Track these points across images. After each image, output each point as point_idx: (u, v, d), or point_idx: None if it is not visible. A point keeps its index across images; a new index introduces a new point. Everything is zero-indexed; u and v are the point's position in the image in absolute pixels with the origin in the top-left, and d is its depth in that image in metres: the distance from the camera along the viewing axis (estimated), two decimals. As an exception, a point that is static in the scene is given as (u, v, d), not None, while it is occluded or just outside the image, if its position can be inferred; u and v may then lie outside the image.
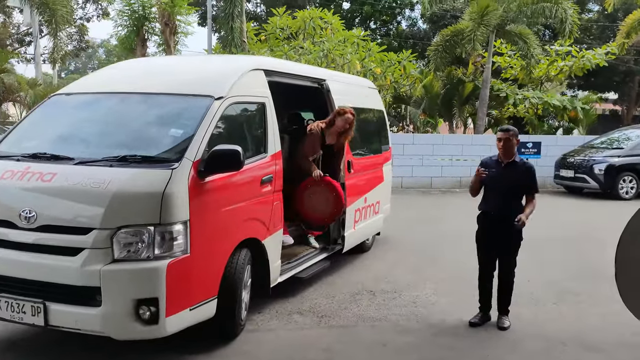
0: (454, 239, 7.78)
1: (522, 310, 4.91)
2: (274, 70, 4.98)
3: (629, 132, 14.27)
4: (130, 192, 3.52)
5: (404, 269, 6.28)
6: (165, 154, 3.82)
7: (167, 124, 4.17)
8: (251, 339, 4.25)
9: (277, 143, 4.76)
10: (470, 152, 14.15)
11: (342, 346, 4.18)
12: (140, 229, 3.49)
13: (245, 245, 4.29)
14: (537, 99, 17.10)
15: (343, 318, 4.74)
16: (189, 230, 3.63)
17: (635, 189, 12.61)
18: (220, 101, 4.08)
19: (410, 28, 31.99)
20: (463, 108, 18.51)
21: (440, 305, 5.09)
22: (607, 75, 26.98)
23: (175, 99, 4.24)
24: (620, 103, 32.66)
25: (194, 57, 5.99)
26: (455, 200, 12.22)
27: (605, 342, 4.27)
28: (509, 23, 16.65)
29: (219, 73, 4.53)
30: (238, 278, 4.13)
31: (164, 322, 3.51)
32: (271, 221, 4.64)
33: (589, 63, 17.15)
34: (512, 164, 4.53)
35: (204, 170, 3.75)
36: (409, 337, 4.37)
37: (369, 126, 7.23)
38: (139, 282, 3.49)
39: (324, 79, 5.86)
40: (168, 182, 3.53)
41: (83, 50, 31.23)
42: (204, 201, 3.78)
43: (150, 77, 4.65)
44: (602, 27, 28.84)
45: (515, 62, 18.05)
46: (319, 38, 15.15)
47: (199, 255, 3.72)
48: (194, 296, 3.74)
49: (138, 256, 3.50)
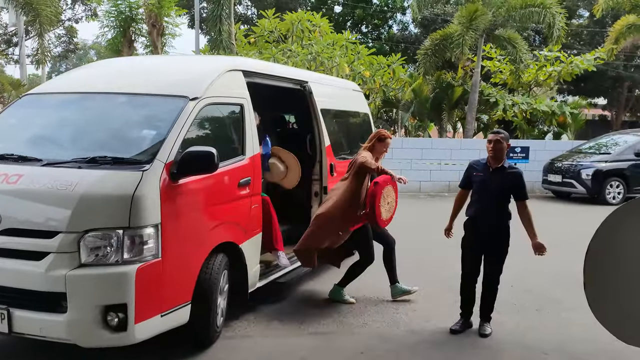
0: (439, 245, 7.64)
1: (504, 318, 4.84)
2: (253, 71, 4.88)
3: (617, 137, 14.31)
4: (98, 194, 3.41)
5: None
6: (136, 155, 3.70)
7: (139, 124, 4.06)
8: (227, 347, 4.14)
9: (256, 145, 4.66)
10: (459, 157, 14.11)
11: (319, 354, 4.07)
12: (109, 233, 3.38)
13: (222, 250, 4.18)
14: (526, 105, 17.13)
15: (323, 325, 4.64)
16: (161, 233, 3.52)
17: (622, 194, 12.63)
18: (196, 102, 3.98)
19: (401, 32, 32.06)
20: (452, 112, 18.53)
21: (422, 312, 5.00)
22: (596, 81, 27.17)
23: (149, 99, 4.12)
24: (609, 108, 32.87)
25: (171, 57, 5.87)
26: (443, 204, 12.10)
27: (586, 352, 4.20)
28: (498, 28, 16.68)
29: (196, 73, 4.42)
30: (213, 283, 4.02)
31: (133, 329, 3.39)
32: (249, 225, 4.53)
33: (577, 69, 17.20)
34: (501, 169, 4.45)
35: (176, 173, 3.64)
36: (389, 344, 4.27)
37: (353, 129, 7.16)
38: (106, 288, 3.38)
39: (306, 81, 5.76)
40: (138, 184, 3.42)
41: (72, 52, 30.94)
42: (177, 204, 3.67)
43: (124, 77, 4.53)
44: (592, 33, 29.03)
45: (504, 67, 18.08)
46: (308, 41, 15.08)
47: (171, 260, 3.61)
48: (166, 302, 3.62)
49: (106, 261, 3.39)
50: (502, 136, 4.46)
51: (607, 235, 1.80)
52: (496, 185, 4.43)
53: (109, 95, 4.26)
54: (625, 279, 1.84)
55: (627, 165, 12.69)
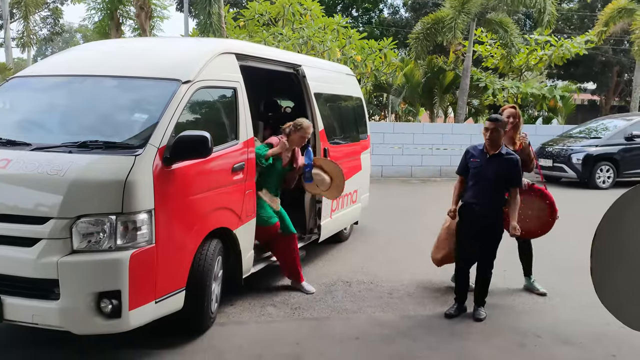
0: (433, 230, 7.68)
1: (498, 302, 4.87)
2: (246, 54, 4.79)
3: (607, 122, 14.37)
4: (90, 179, 3.34)
5: (381, 260, 6.19)
6: (128, 140, 3.63)
7: (130, 108, 3.98)
8: (221, 333, 4.12)
9: (250, 130, 4.60)
10: (451, 141, 14.13)
11: (314, 340, 4.06)
12: (102, 218, 3.32)
13: (216, 236, 4.15)
14: (515, 89, 17.12)
15: (317, 310, 4.63)
16: (154, 219, 3.47)
17: (612, 178, 12.72)
18: (188, 85, 3.90)
19: (392, 16, 31.84)
20: (444, 97, 18.48)
21: (417, 297, 5.01)
22: (586, 66, 27.25)
23: (140, 82, 4.03)
24: (598, 93, 33.04)
25: (162, 39, 5.74)
26: (435, 189, 12.18)
27: (580, 335, 4.22)
28: (490, 11, 16.60)
29: (187, 56, 4.33)
30: (207, 269, 3.99)
31: (127, 315, 3.35)
32: (243, 210, 4.49)
33: (569, 52, 17.20)
34: (498, 155, 4.43)
35: (170, 157, 3.58)
36: (384, 329, 4.27)
37: (346, 113, 7.10)
38: (99, 274, 3.33)
39: (299, 65, 5.68)
40: (131, 169, 3.36)
41: (58, 35, 30.39)
42: (170, 189, 3.62)
43: (114, 59, 4.43)
44: (582, 17, 29.02)
45: (495, 51, 18.03)
46: (299, 24, 14.91)
47: (165, 246, 3.57)
48: (160, 288, 3.58)
49: (99, 247, 3.33)
50: (500, 124, 4.42)
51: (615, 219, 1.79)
52: (492, 171, 4.42)
53: (99, 78, 4.16)
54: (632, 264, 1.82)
55: (617, 149, 12.77)
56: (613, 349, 3.97)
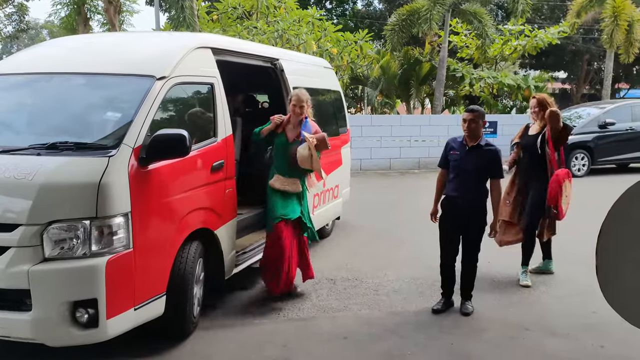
0: (415, 223, 7.66)
1: (484, 295, 4.83)
2: (223, 48, 4.63)
3: (580, 110, 14.54)
4: (61, 183, 3.17)
5: (365, 255, 6.11)
6: (101, 140, 3.47)
7: (103, 107, 3.80)
8: (204, 337, 3.98)
9: (228, 127, 4.45)
10: (429, 133, 14.12)
11: (301, 341, 3.96)
12: (75, 224, 3.15)
13: (196, 237, 4.00)
14: (492, 79, 17.22)
15: (302, 310, 4.52)
16: (131, 223, 3.31)
17: (586, 166, 12.87)
18: (163, 81, 3.73)
19: (366, 8, 31.76)
20: (421, 88, 18.47)
21: (403, 293, 4.93)
22: (557, 55, 27.62)
23: (111, 79, 3.84)
24: (569, 82, 33.56)
25: (133, 34, 5.53)
26: (414, 181, 12.17)
27: (568, 326, 4.20)
28: (464, 2, 16.63)
29: (161, 51, 4.15)
30: (189, 272, 3.85)
31: (105, 324, 3.20)
32: (224, 210, 4.35)
33: (542, 42, 17.34)
34: (477, 147, 4.37)
35: (146, 157, 3.42)
36: (371, 328, 4.19)
37: (325, 108, 6.97)
38: (74, 283, 3.17)
39: (276, 58, 5.53)
40: (105, 171, 3.19)
41: (24, 32, 29.49)
42: (147, 191, 3.46)
43: (83, 55, 4.21)
44: (552, 7, 29.37)
45: (470, 42, 18.10)
46: (273, 18, 14.70)
47: (144, 250, 3.41)
48: (139, 294, 3.43)
49: (72, 254, 3.17)
50: (477, 114, 4.36)
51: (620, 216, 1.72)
52: (473, 163, 4.36)
53: (68, 76, 3.95)
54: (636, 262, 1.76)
55: (591, 137, 12.92)
56: (602, 339, 3.95)
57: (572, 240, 6.02)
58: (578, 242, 6.17)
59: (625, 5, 17.25)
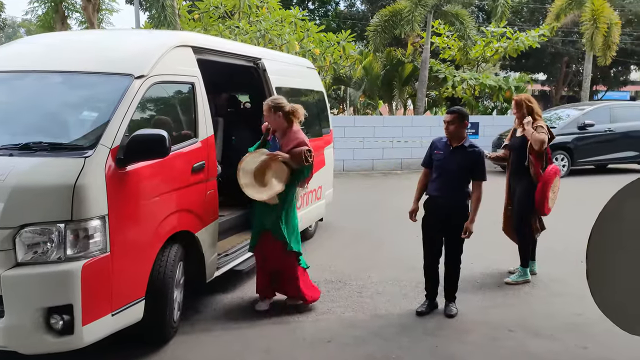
0: (398, 224, 7.62)
1: (468, 296, 4.81)
2: (203, 47, 4.53)
3: (560, 111, 14.68)
4: (34, 184, 3.05)
5: (348, 257, 6.06)
6: (77, 140, 3.35)
7: (79, 106, 3.68)
8: (185, 343, 3.89)
9: (210, 127, 4.36)
10: (411, 134, 14.15)
11: (284, 345, 3.88)
12: (49, 227, 3.04)
13: (177, 240, 3.91)
14: (474, 80, 17.33)
15: (285, 313, 4.44)
16: (108, 225, 3.21)
17: (566, 167, 13.00)
18: (142, 80, 3.63)
19: (349, 9, 31.79)
20: (403, 89, 18.52)
21: (386, 295, 4.89)
22: (536, 57, 27.95)
23: (88, 77, 3.72)
24: (548, 84, 34.01)
25: (111, 31, 5.41)
26: (397, 182, 12.16)
27: (551, 327, 4.19)
28: (446, 3, 16.70)
29: (140, 49, 4.04)
30: (169, 276, 3.75)
31: (81, 331, 3.10)
32: (205, 212, 4.26)
33: (523, 45, 17.51)
34: (461, 148, 4.34)
35: (123, 158, 3.32)
36: (355, 330, 4.14)
37: (308, 108, 6.87)
38: (48, 288, 3.05)
39: (259, 58, 5.46)
40: (80, 173, 3.09)
41: (0, 30, 28.90)
42: (125, 193, 3.36)
43: (59, 53, 4.08)
44: (531, 10, 29.72)
45: (452, 43, 18.20)
46: (256, 17, 14.59)
47: (121, 254, 3.32)
48: (117, 299, 3.33)
49: (46, 258, 3.06)
50: (456, 116, 4.32)
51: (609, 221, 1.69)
52: (456, 164, 4.33)
53: (43, 74, 3.83)
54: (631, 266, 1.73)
55: (571, 138, 13.05)
56: (584, 340, 3.95)
57: (554, 241, 6.05)
58: (559, 242, 6.22)
59: (604, 8, 17.50)
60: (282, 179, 4.29)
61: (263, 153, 4.34)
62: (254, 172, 4.26)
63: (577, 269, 5.63)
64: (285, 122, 4.43)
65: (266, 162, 4.28)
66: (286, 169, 4.31)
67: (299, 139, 4.39)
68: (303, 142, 4.37)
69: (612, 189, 2.11)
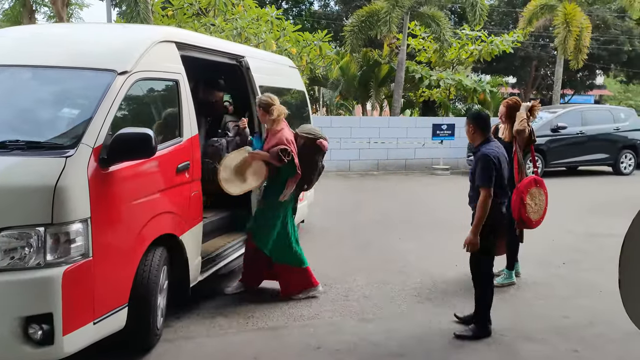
0: (381, 225, 7.60)
1: (455, 300, 4.78)
2: (188, 43, 4.37)
3: (533, 114, 14.92)
4: (11, 186, 2.87)
5: (332, 260, 5.96)
6: (57, 139, 3.17)
7: (58, 103, 3.49)
8: (169, 350, 3.73)
9: (194, 126, 4.21)
10: (388, 135, 14.17)
11: (272, 352, 3.76)
12: (27, 231, 2.86)
13: (160, 243, 3.75)
14: (451, 80, 17.47)
15: (272, 318, 4.32)
16: (91, 229, 3.04)
17: (540, 168, 13.20)
18: (125, 76, 3.46)
19: (323, 9, 31.74)
20: (380, 90, 18.55)
21: (373, 298, 4.81)
22: (507, 60, 28.38)
23: (69, 73, 3.52)
24: (518, 87, 34.66)
25: (92, 25, 5.19)
26: (374, 183, 12.14)
27: (541, 331, 4.17)
28: (422, 5, 16.80)
29: (123, 44, 3.85)
30: (153, 281, 3.59)
31: (61, 341, 2.92)
32: (189, 214, 4.11)
33: (497, 49, 17.75)
34: (477, 151, 4.15)
35: (107, 158, 3.16)
36: (344, 335, 4.04)
37: (290, 108, 6.76)
38: (26, 296, 2.88)
39: (243, 56, 5.32)
40: (61, 173, 2.92)
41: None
42: (108, 194, 3.19)
43: (38, 47, 3.85)
44: (502, 14, 30.23)
45: (428, 45, 18.31)
46: (231, 15, 14.37)
47: (104, 259, 3.15)
48: (99, 307, 3.16)
49: (24, 264, 2.88)
50: (467, 121, 4.21)
51: None
52: (473, 168, 4.21)
53: (16, 69, 3.61)
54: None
55: (544, 140, 13.25)
56: (575, 344, 3.95)
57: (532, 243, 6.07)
58: (538, 244, 6.25)
59: (576, 12, 17.87)
60: (260, 176, 4.59)
61: (246, 151, 4.62)
62: (235, 169, 4.53)
63: (558, 271, 5.70)
64: (271, 121, 4.60)
65: (246, 159, 4.56)
66: (265, 167, 4.57)
67: (278, 138, 4.53)
68: (281, 141, 4.49)
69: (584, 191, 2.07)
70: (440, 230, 7.25)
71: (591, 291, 5.04)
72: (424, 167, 14.34)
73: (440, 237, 6.93)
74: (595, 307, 4.63)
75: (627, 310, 1.69)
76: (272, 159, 4.47)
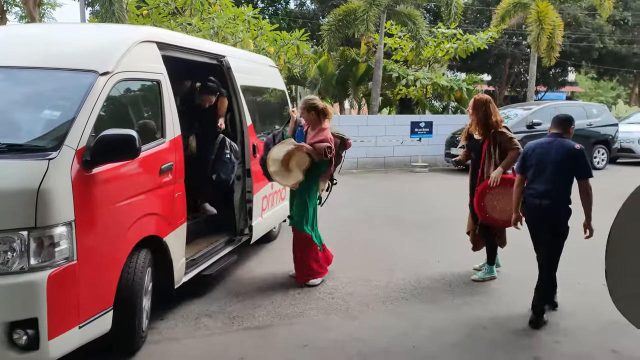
0: (362, 222, 7.64)
1: (438, 294, 4.85)
2: (168, 43, 4.34)
3: (508, 111, 15.15)
4: (-7, 189, 2.81)
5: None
6: (38, 141, 3.13)
7: (39, 104, 3.42)
8: (154, 352, 3.71)
9: (177, 126, 4.18)
10: (366, 133, 14.23)
11: (259, 352, 3.76)
12: (10, 235, 2.82)
13: (145, 245, 3.72)
14: (427, 80, 17.63)
15: (257, 318, 4.32)
16: (75, 232, 3.00)
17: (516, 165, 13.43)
18: (107, 77, 3.43)
19: (299, 8, 31.72)
20: (358, 88, 18.62)
21: (358, 295, 4.85)
22: (482, 58, 28.82)
23: (50, 74, 3.47)
24: (493, 84, 35.16)
25: (67, 25, 5.11)
26: (354, 181, 12.18)
27: (523, 322, 4.24)
28: (399, 4, 16.91)
29: (104, 44, 3.81)
30: (137, 284, 3.57)
31: (47, 346, 2.90)
32: (173, 215, 4.08)
33: (472, 46, 17.98)
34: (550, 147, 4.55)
35: (90, 160, 3.12)
36: (331, 333, 4.07)
37: (272, 107, 6.81)
38: (10, 301, 2.84)
39: (223, 55, 5.30)
40: (44, 176, 2.88)
41: None
42: (92, 197, 3.16)
43: (16, 47, 3.78)
44: (476, 12, 30.63)
45: (405, 44, 18.45)
46: (208, 14, 14.26)
47: (89, 262, 3.12)
48: (84, 311, 3.13)
49: (8, 269, 2.85)
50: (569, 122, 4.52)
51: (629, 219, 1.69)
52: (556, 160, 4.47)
53: (-3, 70, 3.55)
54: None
55: (520, 137, 13.35)
56: (557, 335, 4.04)
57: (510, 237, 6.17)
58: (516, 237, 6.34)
59: (548, 10, 18.20)
60: (302, 168, 4.85)
61: (290, 143, 4.90)
62: (281, 160, 4.81)
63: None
64: (318, 120, 4.96)
65: (292, 151, 4.83)
66: (307, 160, 4.85)
67: (324, 136, 4.89)
68: (327, 139, 4.88)
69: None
70: (422, 227, 7.33)
71: (570, 283, 5.16)
72: (402, 165, 14.45)
73: (422, 233, 7.01)
74: (575, 299, 4.74)
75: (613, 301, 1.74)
76: (316, 153, 4.80)
